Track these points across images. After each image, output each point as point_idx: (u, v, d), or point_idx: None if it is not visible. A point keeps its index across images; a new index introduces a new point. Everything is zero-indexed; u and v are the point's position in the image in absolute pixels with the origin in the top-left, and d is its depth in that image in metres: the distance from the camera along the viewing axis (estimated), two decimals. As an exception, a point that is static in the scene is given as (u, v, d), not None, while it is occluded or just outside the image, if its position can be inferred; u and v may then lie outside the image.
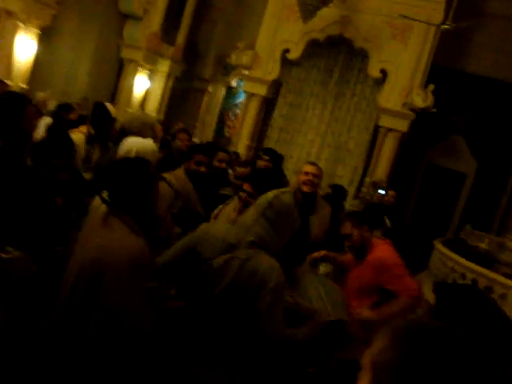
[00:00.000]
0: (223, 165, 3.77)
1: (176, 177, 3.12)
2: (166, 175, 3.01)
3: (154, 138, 3.40)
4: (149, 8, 9.32)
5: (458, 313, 2.72)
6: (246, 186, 2.79)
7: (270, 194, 2.05)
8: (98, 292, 1.67)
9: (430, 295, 5.16)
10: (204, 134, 11.84)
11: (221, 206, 3.08)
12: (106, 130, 3.72)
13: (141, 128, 3.33)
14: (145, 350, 1.75)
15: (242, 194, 2.81)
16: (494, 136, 9.47)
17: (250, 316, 1.91)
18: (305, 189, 3.43)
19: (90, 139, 3.64)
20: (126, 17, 9.45)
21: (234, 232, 2.03)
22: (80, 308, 1.70)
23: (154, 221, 2.28)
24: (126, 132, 3.20)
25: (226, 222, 2.75)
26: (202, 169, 3.19)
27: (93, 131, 3.67)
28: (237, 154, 6.12)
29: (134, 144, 2.51)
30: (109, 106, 3.92)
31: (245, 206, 2.79)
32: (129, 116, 3.98)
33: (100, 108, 3.84)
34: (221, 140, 11.36)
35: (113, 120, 3.86)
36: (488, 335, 2.80)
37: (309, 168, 3.54)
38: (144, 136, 2.98)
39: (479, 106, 9.51)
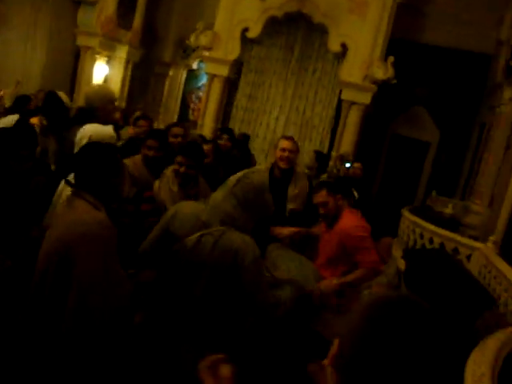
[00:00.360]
0: (179, 139, 3.77)
1: (134, 162, 3.10)
2: (125, 161, 2.98)
3: (115, 119, 3.33)
4: (101, -8, 9.03)
5: (427, 275, 2.80)
6: (180, 159, 2.84)
7: (240, 173, 2.07)
8: (69, 269, 1.68)
9: (400, 262, 5.33)
10: (168, 118, 11.70)
11: (157, 182, 3.04)
12: (60, 119, 3.59)
13: (102, 100, 3.27)
14: (122, 321, 1.78)
15: (178, 167, 2.84)
16: (455, 104, 9.70)
17: (230, 292, 1.93)
18: (282, 165, 3.44)
19: (43, 130, 3.49)
20: (78, 3, 9.14)
21: (205, 210, 2.05)
22: (52, 290, 1.71)
23: (121, 200, 2.28)
24: (87, 106, 3.13)
25: (173, 198, 2.78)
26: (151, 153, 3.18)
27: (45, 122, 3.54)
28: (203, 137, 6.11)
29: (89, 130, 2.47)
30: (61, 94, 3.78)
31: (185, 178, 2.83)
32: (90, 90, 3.85)
33: (52, 97, 3.69)
34: (186, 124, 11.25)
35: (67, 109, 3.73)
36: (454, 293, 2.90)
37: (285, 144, 3.50)
38: (106, 109, 2.92)
39: (438, 75, 9.70)
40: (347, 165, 5.70)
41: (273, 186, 3.48)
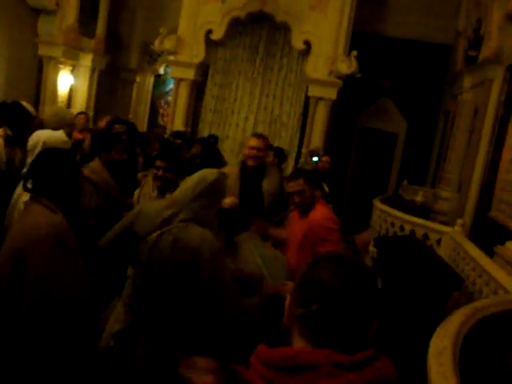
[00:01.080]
0: (123, 137, 3.77)
1: (92, 170, 3.07)
2: (84, 169, 2.97)
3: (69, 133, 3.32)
4: (61, 0, 8.90)
5: (397, 260, 2.84)
6: (158, 163, 2.89)
7: (213, 176, 2.10)
8: (22, 273, 1.67)
9: (373, 250, 5.42)
10: (138, 125, 11.60)
11: (137, 191, 3.09)
12: (25, 129, 3.56)
13: (59, 123, 3.25)
14: (84, 321, 1.77)
15: (157, 171, 2.89)
16: (419, 95, 9.92)
17: (192, 290, 1.95)
18: (249, 162, 3.47)
19: (9, 141, 3.46)
20: (38, 12, 9.00)
21: (166, 207, 2.05)
22: (7, 296, 1.69)
23: (80, 209, 2.27)
24: (45, 127, 3.11)
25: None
26: (117, 156, 3.19)
27: (10, 132, 3.50)
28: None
29: (41, 135, 2.45)
30: (25, 104, 3.75)
31: (164, 181, 2.86)
32: (48, 113, 3.84)
33: (16, 108, 3.66)
34: (156, 129, 11.18)
35: (31, 118, 3.69)
36: (423, 276, 2.96)
37: (253, 142, 3.50)
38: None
39: (402, 67, 9.91)
40: (315, 158, 5.74)
41: (245, 181, 3.53)
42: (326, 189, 5.70)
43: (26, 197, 2.23)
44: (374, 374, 0.86)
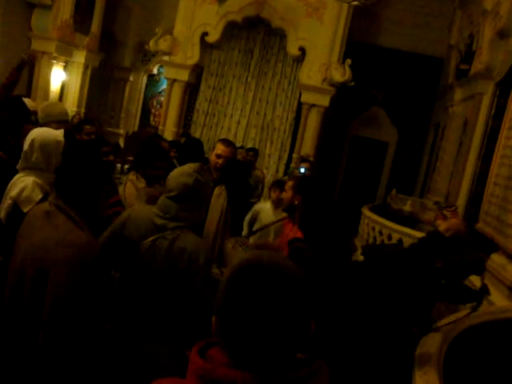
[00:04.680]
0: (92, 137, 3.73)
1: None
2: None
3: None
4: (56, -4, 8.85)
5: (381, 267, 2.77)
6: (159, 165, 3.08)
7: (190, 180, 2.04)
8: (43, 290, 1.64)
9: (360, 258, 5.45)
10: (129, 124, 11.58)
11: (121, 189, 3.10)
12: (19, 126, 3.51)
13: (44, 119, 3.23)
14: (94, 341, 1.75)
15: (156, 171, 3.03)
16: (411, 105, 10.04)
17: (186, 292, 1.96)
18: (214, 173, 3.30)
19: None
20: (32, 6, 8.93)
21: (157, 216, 2.04)
22: (26, 307, 1.67)
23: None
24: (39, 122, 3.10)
25: (140, 198, 2.81)
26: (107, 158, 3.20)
27: None
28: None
29: (34, 134, 2.43)
30: (27, 100, 3.71)
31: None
32: (40, 108, 3.79)
33: (17, 102, 3.61)
34: (147, 129, 11.16)
35: (29, 113, 3.64)
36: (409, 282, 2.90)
37: (220, 149, 3.28)
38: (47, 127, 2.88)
39: (394, 77, 10.02)
40: (302, 170, 5.58)
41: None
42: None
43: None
44: None
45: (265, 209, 4.35)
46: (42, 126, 3.04)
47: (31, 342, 1.65)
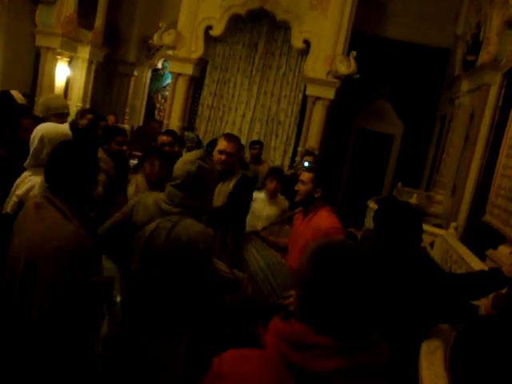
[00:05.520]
0: (124, 148, 3.82)
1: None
2: None
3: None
4: (60, -9, 8.84)
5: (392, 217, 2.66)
6: (164, 138, 3.44)
7: (193, 167, 2.03)
8: (33, 283, 1.64)
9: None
10: (134, 119, 11.58)
11: (131, 188, 3.15)
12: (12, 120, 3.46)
13: (43, 113, 3.23)
14: (87, 334, 1.75)
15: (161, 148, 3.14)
16: (417, 97, 9.96)
17: (186, 280, 1.95)
18: (219, 168, 3.15)
19: None
20: (36, 2, 8.93)
21: (163, 201, 2.05)
22: (18, 300, 1.68)
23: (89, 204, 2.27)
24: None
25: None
26: (121, 147, 3.27)
27: None
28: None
29: (42, 130, 2.41)
30: (14, 93, 3.68)
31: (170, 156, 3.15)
32: (40, 100, 3.77)
33: (5, 97, 3.57)
34: (152, 124, 11.17)
35: (19, 108, 3.59)
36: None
37: (223, 145, 3.12)
38: (46, 121, 2.86)
39: (400, 69, 9.94)
40: (306, 164, 5.52)
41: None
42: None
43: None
44: (363, 360, 0.93)
45: (258, 199, 4.13)
46: (41, 119, 3.01)
47: (22, 337, 1.65)
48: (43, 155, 2.38)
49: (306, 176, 3.04)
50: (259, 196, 4.20)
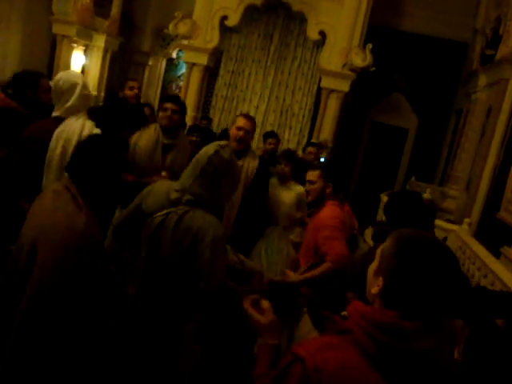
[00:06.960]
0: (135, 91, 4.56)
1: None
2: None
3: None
4: (77, -21, 8.84)
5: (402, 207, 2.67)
6: (167, 105, 3.35)
7: (211, 150, 2.00)
8: (31, 271, 1.64)
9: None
10: (149, 108, 11.58)
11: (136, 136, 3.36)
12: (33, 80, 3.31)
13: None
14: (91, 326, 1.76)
15: (164, 112, 3.35)
16: (432, 91, 9.84)
17: (193, 271, 1.95)
18: (235, 145, 3.17)
19: None
20: (53, -10, 8.95)
21: (175, 190, 2.02)
22: (17, 285, 1.68)
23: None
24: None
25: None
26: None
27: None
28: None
29: (60, 75, 2.60)
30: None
31: (171, 122, 3.35)
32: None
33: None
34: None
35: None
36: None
37: (242, 122, 3.24)
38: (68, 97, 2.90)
39: (416, 63, 9.82)
40: (322, 160, 5.39)
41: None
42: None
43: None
44: (443, 336, 1.05)
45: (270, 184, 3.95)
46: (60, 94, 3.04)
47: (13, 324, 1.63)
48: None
49: (312, 175, 2.97)
50: (270, 182, 4.06)
